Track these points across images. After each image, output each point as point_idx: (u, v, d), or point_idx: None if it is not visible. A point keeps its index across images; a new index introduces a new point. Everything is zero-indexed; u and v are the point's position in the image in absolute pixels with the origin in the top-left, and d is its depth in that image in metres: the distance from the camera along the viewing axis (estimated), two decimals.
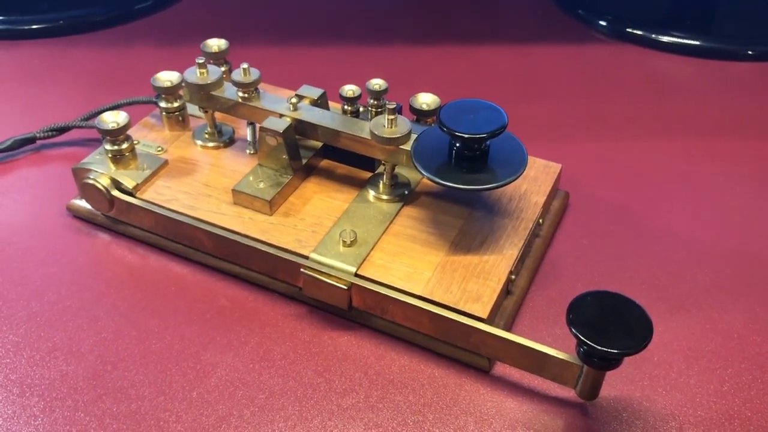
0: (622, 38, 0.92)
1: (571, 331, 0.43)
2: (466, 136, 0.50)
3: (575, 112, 0.79)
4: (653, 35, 0.91)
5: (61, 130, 0.71)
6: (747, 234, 0.63)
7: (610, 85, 0.84)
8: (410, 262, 0.53)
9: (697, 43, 0.89)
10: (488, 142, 0.52)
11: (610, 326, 0.43)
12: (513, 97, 0.81)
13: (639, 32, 0.91)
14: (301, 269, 0.53)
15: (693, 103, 0.80)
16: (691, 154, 0.72)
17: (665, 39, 0.90)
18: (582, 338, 0.43)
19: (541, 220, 0.59)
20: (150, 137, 0.65)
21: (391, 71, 0.84)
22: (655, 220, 0.64)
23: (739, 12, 0.95)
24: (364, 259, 0.53)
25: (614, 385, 0.50)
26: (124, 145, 0.60)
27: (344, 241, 0.54)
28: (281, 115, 0.58)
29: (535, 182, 0.60)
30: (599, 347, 0.42)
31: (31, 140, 0.70)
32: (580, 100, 0.81)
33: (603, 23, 0.94)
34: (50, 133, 0.70)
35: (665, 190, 0.68)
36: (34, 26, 0.91)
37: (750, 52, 0.88)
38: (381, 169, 0.59)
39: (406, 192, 0.59)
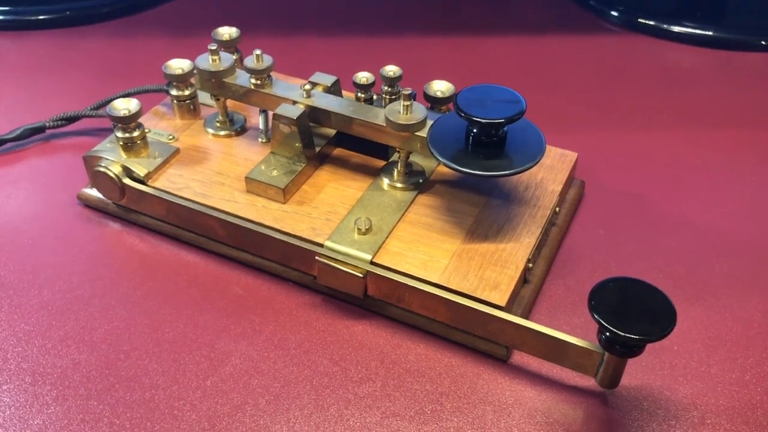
0: (634, 29, 0.91)
1: (593, 317, 0.42)
2: (484, 121, 0.49)
3: (588, 102, 0.78)
4: (665, 26, 0.90)
5: (71, 120, 0.70)
6: (762, 223, 0.62)
7: (623, 75, 0.83)
8: (426, 250, 0.53)
9: (709, 33, 0.88)
10: (506, 129, 0.52)
11: (632, 313, 0.43)
12: (525, 87, 0.80)
13: (651, 23, 0.90)
14: (316, 257, 0.53)
15: (706, 93, 0.80)
16: (705, 144, 0.71)
17: (677, 29, 0.89)
18: (604, 324, 0.42)
19: (557, 209, 0.58)
20: (161, 126, 0.65)
21: (403, 61, 0.83)
22: (670, 209, 0.63)
23: (751, 2, 0.94)
24: (380, 247, 0.53)
25: (634, 374, 0.50)
26: (136, 133, 0.59)
27: (359, 229, 0.53)
28: (294, 102, 0.58)
29: (551, 170, 0.60)
30: (622, 333, 0.42)
31: (40, 129, 0.70)
32: (592, 90, 0.80)
33: (615, 14, 0.93)
34: (59, 123, 0.70)
35: (679, 180, 0.67)
36: (41, 17, 0.91)
37: (763, 43, 0.87)
38: (395, 157, 0.58)
39: (421, 180, 0.58)
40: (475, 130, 0.52)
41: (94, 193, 0.62)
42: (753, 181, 0.67)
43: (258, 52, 0.58)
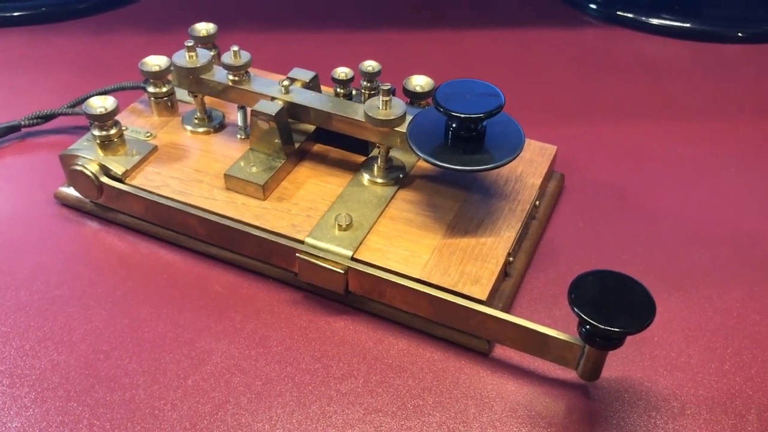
0: (612, 21, 0.92)
1: (573, 310, 0.43)
2: (463, 115, 0.49)
3: (567, 95, 0.78)
4: (643, 18, 0.90)
5: (47, 118, 0.69)
6: (740, 214, 0.62)
7: (602, 68, 0.83)
8: (407, 246, 0.53)
9: (687, 25, 0.89)
10: (485, 123, 0.52)
11: (612, 305, 0.43)
12: (504, 81, 0.80)
13: (629, 15, 0.91)
14: (297, 254, 0.52)
15: (684, 85, 0.80)
16: (683, 136, 0.72)
17: (655, 21, 0.90)
18: (585, 317, 0.42)
19: (537, 202, 0.58)
20: (138, 123, 0.64)
21: (381, 57, 0.83)
22: (650, 201, 0.64)
23: None
24: (360, 243, 0.52)
25: (615, 366, 0.50)
26: (113, 131, 0.59)
27: (340, 225, 0.53)
28: (273, 98, 0.57)
29: (530, 164, 0.60)
30: (602, 326, 0.42)
31: (16, 128, 0.69)
32: (571, 83, 0.80)
33: (593, 6, 0.93)
34: (35, 121, 0.69)
35: (658, 171, 0.67)
36: (16, 13, 0.89)
37: (740, 34, 0.88)
38: (375, 152, 0.58)
39: (401, 175, 0.58)
40: (454, 125, 0.51)
41: (71, 191, 0.61)
42: (732, 171, 0.67)
43: (235, 48, 0.57)
